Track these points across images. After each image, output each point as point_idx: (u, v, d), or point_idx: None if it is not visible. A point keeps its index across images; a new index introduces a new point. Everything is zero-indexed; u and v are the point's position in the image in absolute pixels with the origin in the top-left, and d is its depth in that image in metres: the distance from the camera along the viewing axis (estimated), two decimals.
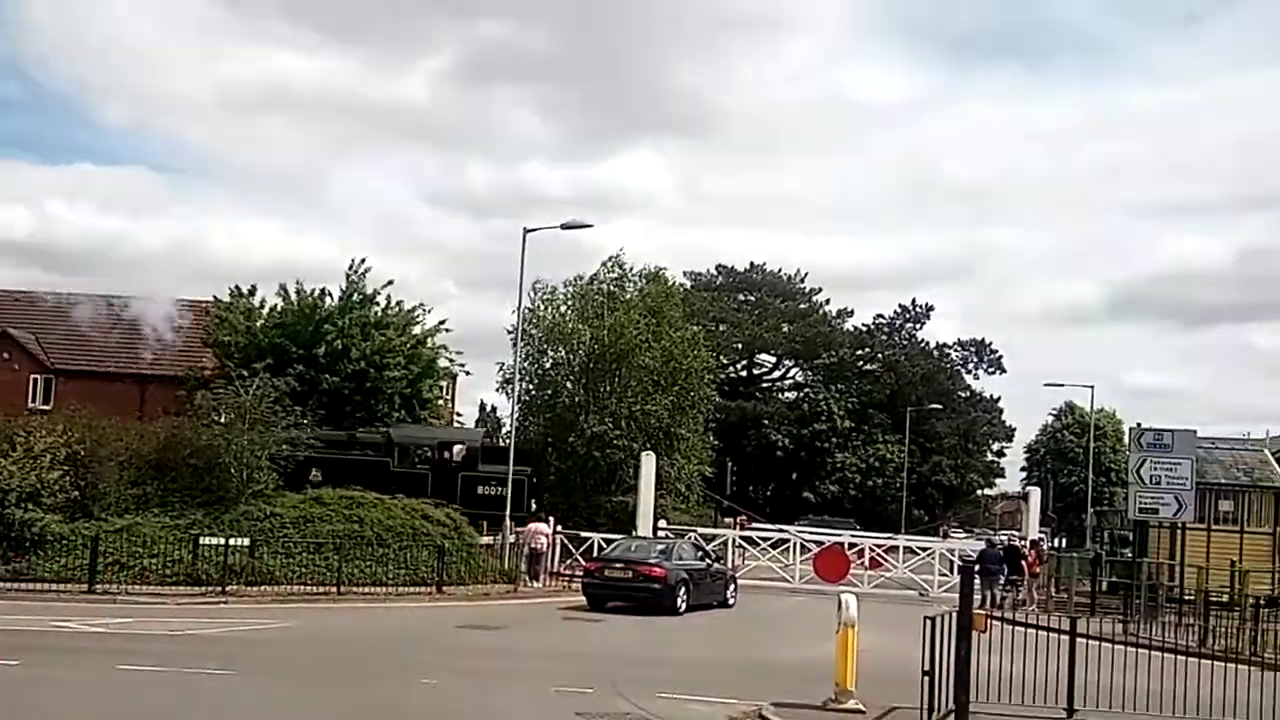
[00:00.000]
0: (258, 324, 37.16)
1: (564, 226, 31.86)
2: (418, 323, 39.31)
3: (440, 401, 44.18)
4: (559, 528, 30.85)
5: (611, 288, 44.76)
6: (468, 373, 45.42)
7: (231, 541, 24.20)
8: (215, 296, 39.46)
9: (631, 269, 46.63)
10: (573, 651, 17.99)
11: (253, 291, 38.86)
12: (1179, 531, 29.90)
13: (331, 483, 29.29)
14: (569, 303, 44.30)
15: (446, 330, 40.62)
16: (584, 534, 30.89)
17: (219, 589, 23.16)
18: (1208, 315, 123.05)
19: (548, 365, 45.68)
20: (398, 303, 38.89)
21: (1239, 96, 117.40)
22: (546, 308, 44.21)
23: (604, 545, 28.94)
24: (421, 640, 18.64)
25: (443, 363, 40.98)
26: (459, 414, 49.55)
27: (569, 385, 44.04)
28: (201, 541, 24.17)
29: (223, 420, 27.32)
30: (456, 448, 34.90)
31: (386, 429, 35.02)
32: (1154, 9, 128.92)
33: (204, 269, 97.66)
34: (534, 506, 32.60)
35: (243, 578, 23.81)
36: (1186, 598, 25.44)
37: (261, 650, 16.51)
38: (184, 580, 23.49)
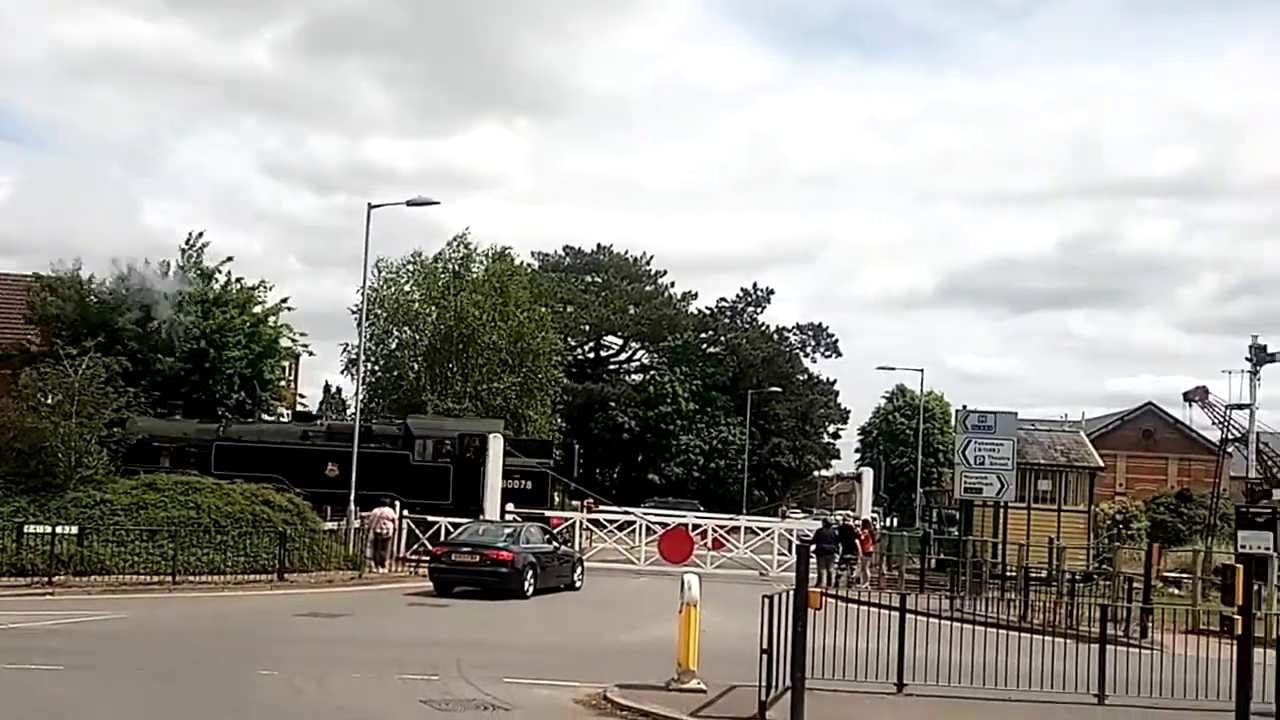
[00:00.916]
0: (89, 299, 35.47)
1: (410, 203, 31.40)
2: (259, 301, 38.18)
3: (283, 383, 43.06)
4: (405, 512, 30.47)
5: (457, 267, 44.33)
6: (311, 353, 44.38)
7: (59, 530, 23.10)
8: (37, 273, 37.38)
9: (477, 248, 46.30)
10: (418, 637, 17.82)
11: (78, 266, 37.02)
12: (1001, 510, 31.26)
13: (349, 477, 28.94)
14: (414, 282, 43.70)
15: (289, 309, 39.61)
16: (431, 518, 30.55)
17: (45, 579, 22.11)
18: (1031, 301, 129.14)
19: (393, 346, 45.05)
20: (238, 279, 37.74)
21: (1064, 90, 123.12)
22: (391, 287, 43.52)
23: (451, 529, 28.68)
24: (261, 630, 18.17)
25: (285, 342, 39.90)
26: (302, 395, 48.33)
27: (415, 366, 43.51)
28: (26, 530, 23.03)
29: (50, 401, 26.03)
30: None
31: (404, 420, 33.99)
32: (984, 3, 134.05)
33: (36, 243, 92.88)
34: (556, 500, 31.50)
35: (71, 567, 22.77)
36: (1009, 574, 26.63)
37: (91, 643, 15.84)
38: (8, 571, 22.34)
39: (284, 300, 39.56)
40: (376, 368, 44.68)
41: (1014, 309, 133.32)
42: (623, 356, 79.51)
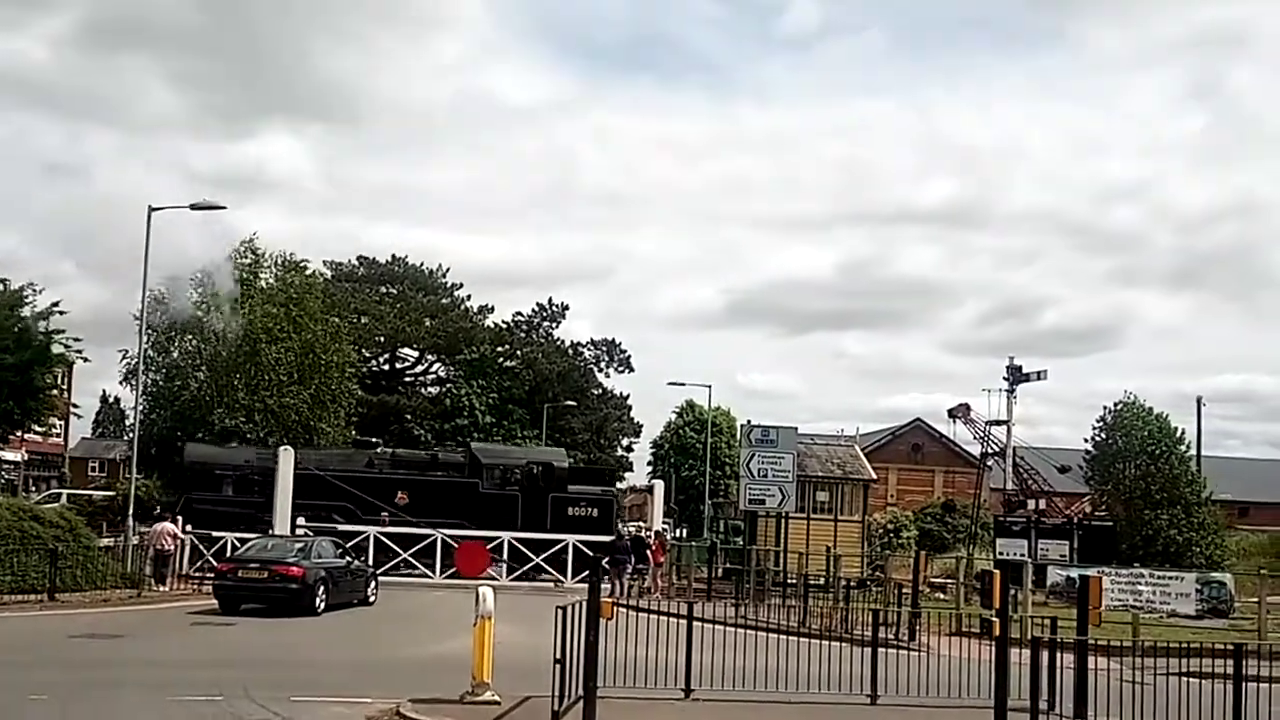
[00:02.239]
0: None
1: (193, 207, 30.21)
2: (27, 303, 35.85)
3: (55, 391, 40.56)
4: (189, 527, 29.15)
5: (244, 275, 42.75)
6: (85, 359, 41.97)
7: None
8: None
9: (265, 255, 44.77)
10: (202, 658, 17.10)
11: None
12: (783, 520, 32.27)
13: (418, 506, 28.42)
14: (198, 289, 41.87)
15: (61, 313, 37.32)
16: (216, 534, 29.31)
17: None
18: (811, 322, 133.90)
19: (175, 355, 43.04)
20: (2, 280, 35.38)
21: (841, 121, 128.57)
22: (174, 294, 41.57)
23: (239, 545, 27.60)
24: (30, 652, 17.05)
25: (58, 349, 37.60)
26: (75, 405, 45.65)
27: (199, 376, 41.66)
28: None
29: None
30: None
31: (469, 448, 33.88)
32: (768, 36, 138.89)
33: None
34: (619, 527, 30.65)
35: None
36: (789, 582, 27.55)
37: None
38: None
39: (56, 304, 37.35)
40: (158, 378, 42.55)
41: (795, 329, 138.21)
42: (419, 369, 78.25)
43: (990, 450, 51.95)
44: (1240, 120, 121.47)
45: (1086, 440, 44.65)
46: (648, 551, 32.37)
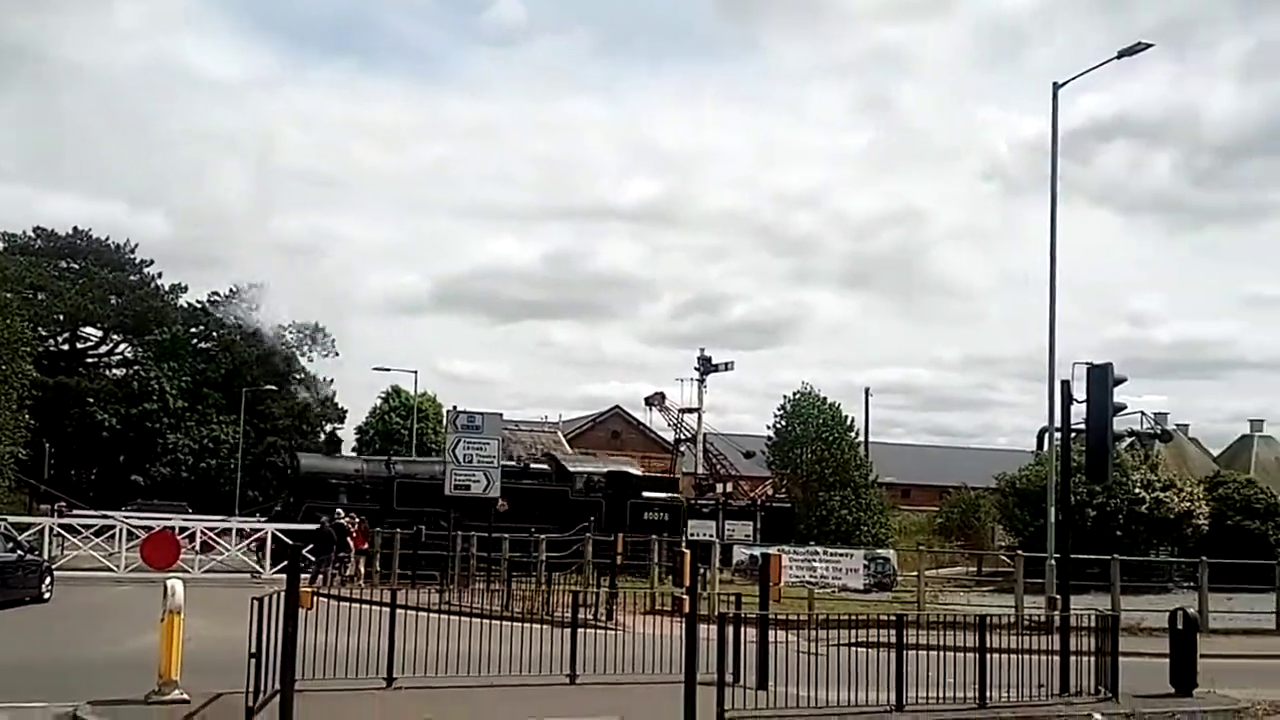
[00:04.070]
0: None
1: None
2: None
3: None
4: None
5: None
6: None
7: None
8: None
9: None
10: None
11: None
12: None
13: (514, 512, 30.39)
14: None
15: None
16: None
17: None
18: (517, 311, 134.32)
19: None
20: None
21: (547, 117, 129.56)
22: None
23: None
24: None
25: None
26: None
27: None
28: None
29: None
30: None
31: (556, 459, 37.67)
32: (474, 27, 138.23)
33: None
34: (688, 530, 29.88)
35: None
36: (494, 567, 27.55)
37: None
38: None
39: None
40: None
41: (502, 317, 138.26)
42: (103, 349, 72.84)
43: (683, 436, 54.02)
44: (902, 134, 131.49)
45: (769, 427, 46.99)
46: (349, 539, 31.53)
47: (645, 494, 36.50)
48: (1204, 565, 26.56)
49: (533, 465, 37.58)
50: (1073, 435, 17.85)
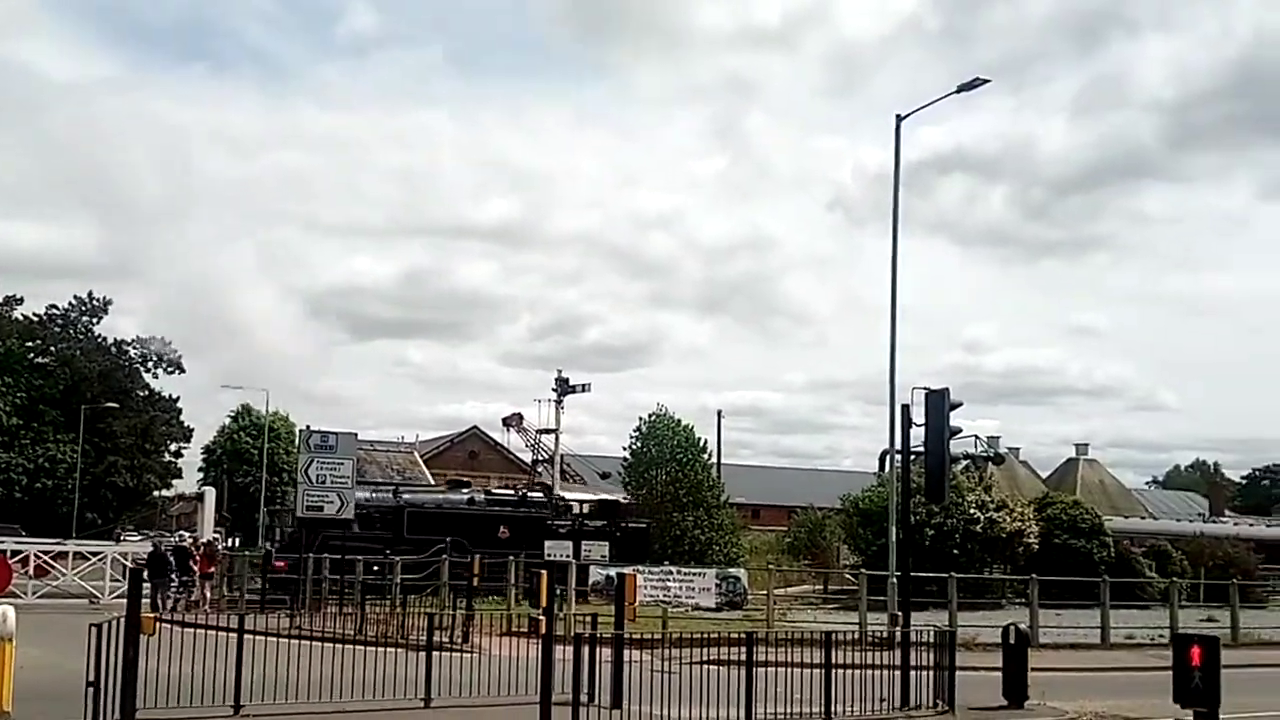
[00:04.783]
0: None
1: None
2: None
3: None
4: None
5: None
6: None
7: None
8: None
9: None
10: None
11: None
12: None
13: (515, 539, 32.61)
14: None
15: None
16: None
17: None
18: (374, 329, 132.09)
19: None
20: None
21: (401, 131, 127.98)
22: None
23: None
24: None
25: None
26: None
27: None
28: None
29: None
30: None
31: (549, 489, 40.24)
32: (326, 38, 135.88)
33: None
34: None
35: None
36: (347, 590, 26.90)
37: None
38: None
39: None
40: None
41: (357, 335, 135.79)
42: None
43: (540, 457, 53.80)
44: (754, 162, 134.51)
45: (625, 448, 47.22)
46: (191, 563, 30.31)
47: (628, 522, 38.07)
48: (1034, 582, 27.73)
49: (530, 495, 39.01)
50: (913, 457, 18.48)
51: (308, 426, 31.60)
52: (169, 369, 71.47)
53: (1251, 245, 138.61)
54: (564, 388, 50.84)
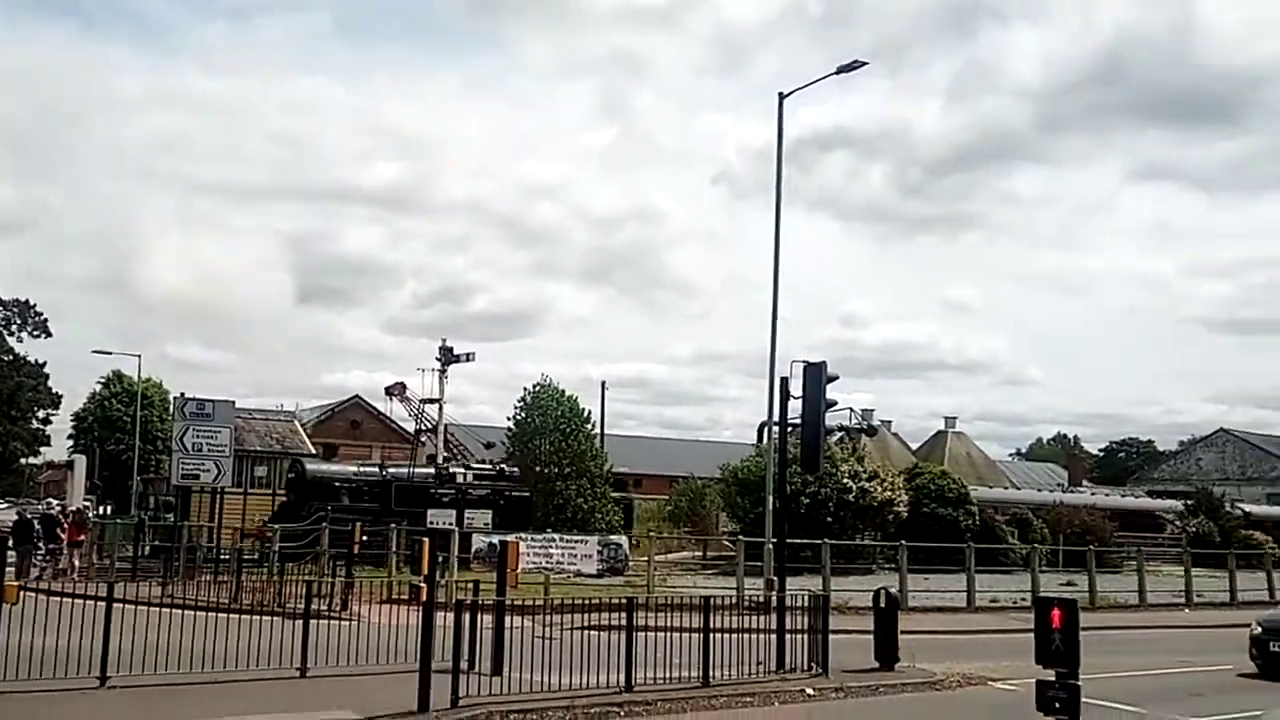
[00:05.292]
0: None
1: None
2: None
3: None
4: None
5: None
6: None
7: None
8: None
9: None
10: None
11: None
12: (218, 495, 30.65)
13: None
14: None
15: None
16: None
17: None
18: (255, 294, 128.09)
19: None
20: None
21: (286, 95, 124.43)
22: None
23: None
24: None
25: None
26: None
27: None
28: None
29: None
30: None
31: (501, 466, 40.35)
32: (214, 1, 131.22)
33: None
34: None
35: None
36: (223, 558, 26.19)
37: None
38: None
39: None
40: None
41: (239, 300, 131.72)
42: None
43: (424, 427, 53.10)
44: (641, 136, 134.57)
45: (509, 418, 46.89)
46: (59, 530, 29.16)
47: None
48: (903, 548, 28.48)
49: (506, 469, 39.68)
50: (790, 429, 18.72)
51: (182, 394, 30.67)
52: (34, 332, 68.54)
53: (1116, 227, 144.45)
54: (448, 357, 50.26)
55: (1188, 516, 50.54)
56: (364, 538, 25.53)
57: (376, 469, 37.50)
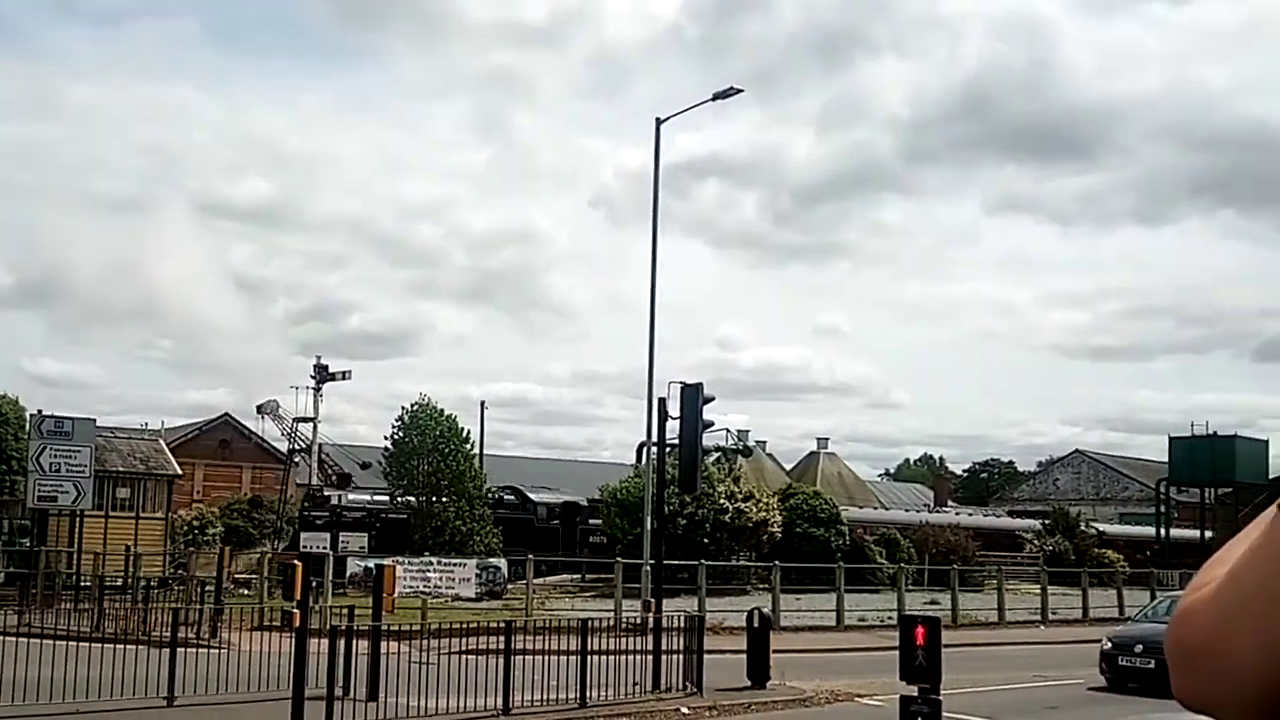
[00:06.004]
0: None
1: None
2: None
3: None
4: None
5: None
6: None
7: None
8: None
9: None
10: None
11: None
12: (78, 518, 29.52)
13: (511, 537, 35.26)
14: None
15: None
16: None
17: None
18: (118, 309, 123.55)
19: None
20: None
21: (152, 104, 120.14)
22: None
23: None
24: None
25: None
26: None
27: None
28: None
29: None
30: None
31: (521, 491, 42.19)
32: (69, 3, 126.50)
33: None
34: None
35: None
36: (84, 584, 25.19)
37: None
38: None
39: None
40: None
41: (101, 315, 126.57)
42: None
43: (297, 447, 51.92)
44: (519, 157, 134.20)
45: (387, 438, 46.17)
46: None
47: (591, 520, 40.56)
48: (777, 569, 29.02)
49: (504, 496, 40.80)
50: (668, 449, 18.99)
51: (39, 411, 29.48)
52: None
53: (977, 257, 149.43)
54: (323, 375, 49.32)
55: (1045, 536, 52.49)
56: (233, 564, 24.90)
57: (389, 501, 39.26)
